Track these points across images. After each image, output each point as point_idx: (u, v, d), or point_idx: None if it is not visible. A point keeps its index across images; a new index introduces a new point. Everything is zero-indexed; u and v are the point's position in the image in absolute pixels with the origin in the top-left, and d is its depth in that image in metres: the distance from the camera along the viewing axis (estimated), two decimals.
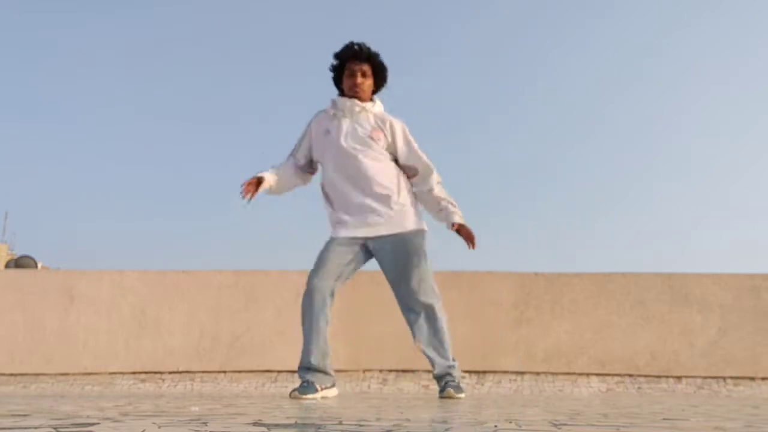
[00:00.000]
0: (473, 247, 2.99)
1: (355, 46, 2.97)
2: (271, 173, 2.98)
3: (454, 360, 3.06)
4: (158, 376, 4.66)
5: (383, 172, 2.93)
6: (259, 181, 2.92)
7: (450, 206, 3.03)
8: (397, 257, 2.92)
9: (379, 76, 3.04)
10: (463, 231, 3.00)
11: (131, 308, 4.82)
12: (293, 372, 4.64)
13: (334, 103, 3.04)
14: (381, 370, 4.61)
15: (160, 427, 1.08)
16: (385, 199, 2.90)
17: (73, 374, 4.68)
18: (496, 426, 1.20)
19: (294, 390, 2.78)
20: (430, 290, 2.96)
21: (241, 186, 2.89)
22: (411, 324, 2.99)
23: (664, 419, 1.44)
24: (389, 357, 4.62)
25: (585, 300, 4.68)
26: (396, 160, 3.02)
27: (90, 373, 4.69)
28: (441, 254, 3.11)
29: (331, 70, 3.05)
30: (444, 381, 2.98)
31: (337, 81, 3.06)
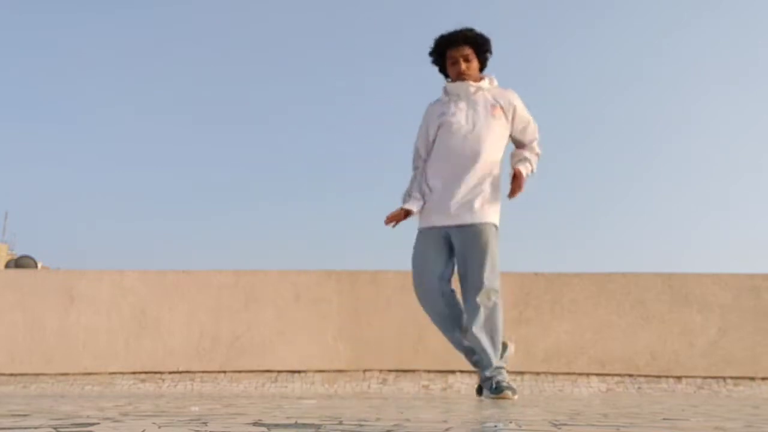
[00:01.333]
0: (511, 196, 2.91)
1: (448, 35, 2.93)
2: (417, 197, 2.93)
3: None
4: (158, 376, 4.66)
5: (490, 158, 2.87)
6: (406, 214, 2.90)
7: (524, 155, 2.95)
8: (467, 247, 2.85)
9: (482, 53, 2.98)
10: (515, 179, 2.91)
11: (131, 308, 4.82)
12: (293, 372, 4.64)
13: (445, 90, 2.99)
14: (381, 370, 4.61)
15: (160, 427, 1.08)
16: (479, 191, 2.84)
17: (73, 374, 4.68)
18: (496, 426, 1.20)
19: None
20: (495, 283, 2.87)
21: (388, 217, 2.89)
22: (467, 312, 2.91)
23: (664, 419, 1.44)
24: (389, 357, 4.62)
25: (585, 300, 4.68)
26: (507, 135, 2.98)
27: (90, 373, 4.69)
28: None
29: (433, 63, 3.02)
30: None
31: (442, 69, 3.03)
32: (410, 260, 2.96)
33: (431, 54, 3.00)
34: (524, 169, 2.92)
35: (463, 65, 2.93)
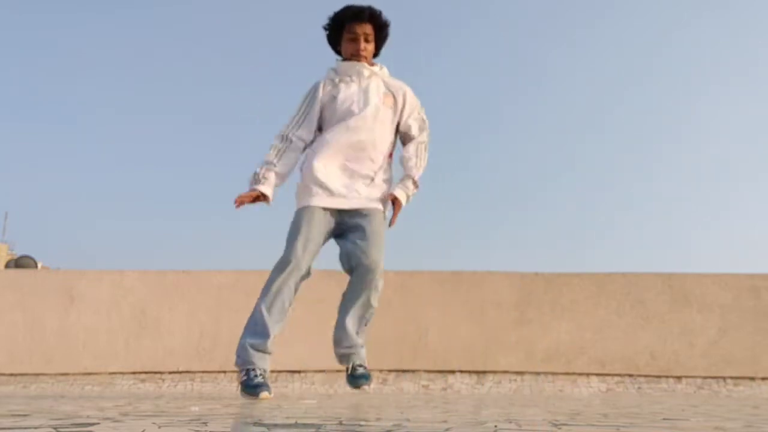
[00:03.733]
0: (391, 225, 2.83)
1: (353, 8, 2.77)
2: (272, 180, 2.77)
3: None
4: (158, 376, 4.66)
5: (382, 144, 2.77)
6: (257, 198, 2.75)
7: (407, 176, 2.83)
8: (359, 231, 2.75)
9: (382, 37, 2.86)
10: (394, 208, 2.81)
11: (131, 308, 4.82)
12: (293, 372, 4.64)
13: (335, 70, 2.84)
14: (381, 370, 4.61)
15: (160, 427, 1.08)
16: (371, 175, 2.75)
17: (73, 374, 4.68)
18: (496, 426, 1.20)
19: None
20: (380, 271, 2.84)
21: (237, 197, 2.72)
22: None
23: (664, 419, 1.44)
24: (389, 357, 4.62)
25: (585, 300, 4.68)
26: (395, 128, 2.87)
27: (90, 373, 4.69)
28: (442, 254, 3.08)
29: (326, 30, 2.84)
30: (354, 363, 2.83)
31: (334, 43, 2.86)
32: (288, 235, 2.81)
33: (331, 23, 2.81)
34: (400, 192, 2.80)
35: (362, 44, 2.78)
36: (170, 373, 4.67)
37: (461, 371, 4.52)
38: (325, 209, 2.74)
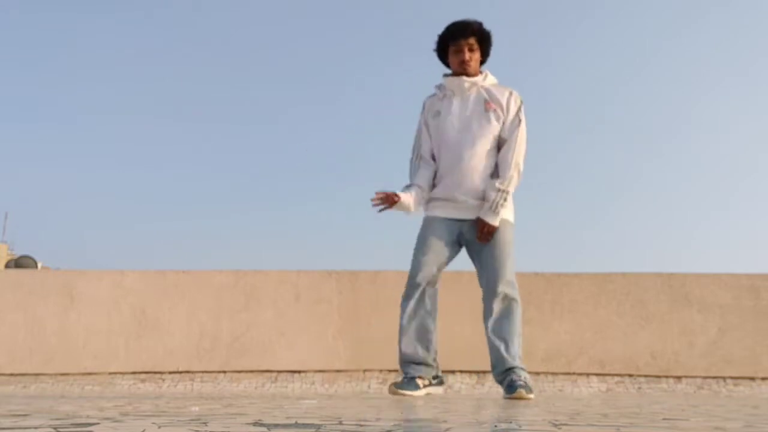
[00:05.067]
0: (479, 239, 2.86)
1: (457, 23, 2.92)
2: (409, 194, 2.87)
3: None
4: (158, 376, 4.66)
5: (488, 155, 2.85)
6: (394, 200, 2.82)
7: (492, 200, 2.83)
8: (482, 244, 2.83)
9: (486, 47, 2.97)
10: (481, 227, 2.83)
11: (131, 308, 4.82)
12: (293, 372, 4.64)
13: (440, 86, 2.99)
14: (381, 370, 4.61)
15: (160, 427, 1.08)
16: (480, 186, 2.82)
17: (73, 374, 4.68)
18: (496, 426, 1.20)
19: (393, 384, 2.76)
20: (511, 281, 2.85)
21: (375, 195, 2.80)
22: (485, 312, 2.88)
23: (664, 419, 1.44)
24: (389, 357, 4.62)
25: (585, 300, 4.68)
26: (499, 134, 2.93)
27: (90, 373, 4.69)
28: None
29: (436, 51, 3.00)
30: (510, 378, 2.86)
31: (444, 59, 3.01)
32: (413, 250, 2.90)
33: (438, 41, 2.97)
34: (488, 216, 2.82)
35: (467, 54, 2.90)
36: (170, 373, 4.67)
37: (461, 371, 4.52)
38: (446, 219, 2.89)
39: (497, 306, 2.85)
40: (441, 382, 2.99)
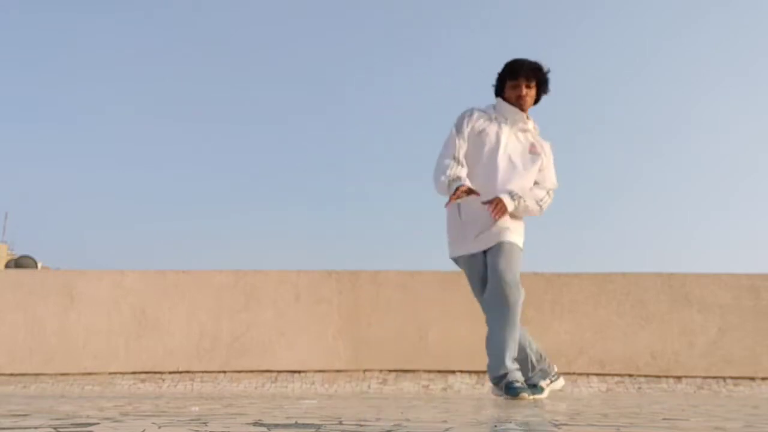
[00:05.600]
0: (492, 212, 2.87)
1: (520, 61, 2.98)
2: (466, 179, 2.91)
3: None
4: (158, 376, 4.66)
5: (519, 188, 2.91)
6: (470, 191, 2.86)
7: (523, 194, 2.92)
8: (494, 258, 2.88)
9: (542, 91, 3.04)
10: (497, 202, 2.87)
11: (131, 308, 4.82)
12: (293, 372, 4.64)
13: (496, 108, 3.02)
14: (381, 370, 4.61)
15: (160, 427, 1.08)
16: (509, 220, 2.89)
17: (73, 374, 4.68)
18: (496, 426, 1.20)
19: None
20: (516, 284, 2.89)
21: (454, 193, 2.81)
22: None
23: (664, 419, 1.44)
24: (389, 357, 4.62)
25: (585, 300, 4.68)
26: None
27: (90, 373, 4.69)
28: (442, 254, 3.07)
29: (498, 78, 3.03)
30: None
31: (498, 88, 3.05)
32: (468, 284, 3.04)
33: (502, 70, 3.01)
34: (507, 200, 2.86)
35: (524, 91, 2.97)
36: (170, 373, 4.67)
37: (461, 371, 4.52)
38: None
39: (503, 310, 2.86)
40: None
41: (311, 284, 4.84)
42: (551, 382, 3.05)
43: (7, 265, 19.96)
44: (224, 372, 4.66)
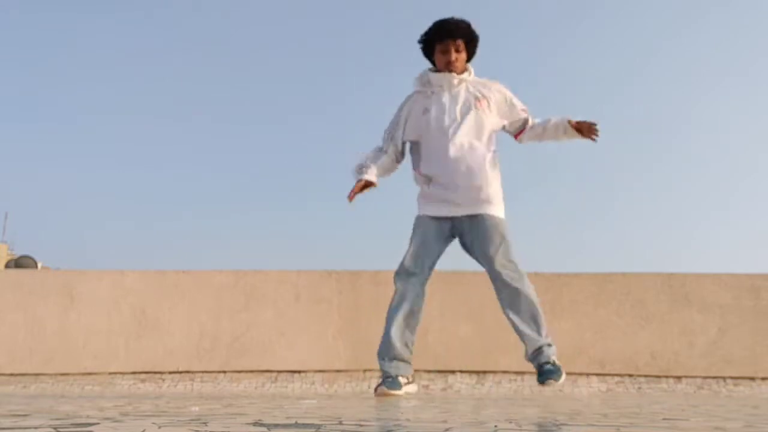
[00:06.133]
0: (596, 135, 2.92)
1: (445, 23, 2.91)
2: (374, 170, 2.94)
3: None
4: (158, 376, 4.66)
5: (481, 150, 2.86)
6: (366, 185, 2.91)
7: (556, 119, 2.97)
8: (480, 237, 2.84)
9: (473, 47, 2.98)
10: (582, 125, 2.92)
11: (131, 308, 4.82)
12: (293, 372, 4.64)
13: (427, 81, 2.96)
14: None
15: (160, 427, 1.08)
16: (479, 179, 2.83)
17: (73, 374, 4.68)
18: (496, 426, 1.20)
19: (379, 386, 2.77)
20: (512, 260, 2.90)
21: (350, 192, 2.88)
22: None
23: (664, 419, 1.44)
24: None
25: (585, 300, 4.68)
26: (498, 127, 2.98)
27: (90, 373, 4.69)
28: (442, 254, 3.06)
29: (421, 44, 2.98)
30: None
31: (428, 54, 3.00)
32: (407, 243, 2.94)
33: (425, 38, 2.95)
34: (572, 118, 2.93)
35: (454, 55, 2.90)
36: (170, 373, 4.67)
37: (461, 371, 4.52)
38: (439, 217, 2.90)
39: (505, 288, 2.89)
40: (414, 381, 3.04)
41: (311, 284, 4.84)
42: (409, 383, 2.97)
43: (7, 265, 19.95)
44: (224, 372, 4.66)
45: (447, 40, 2.90)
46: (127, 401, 2.20)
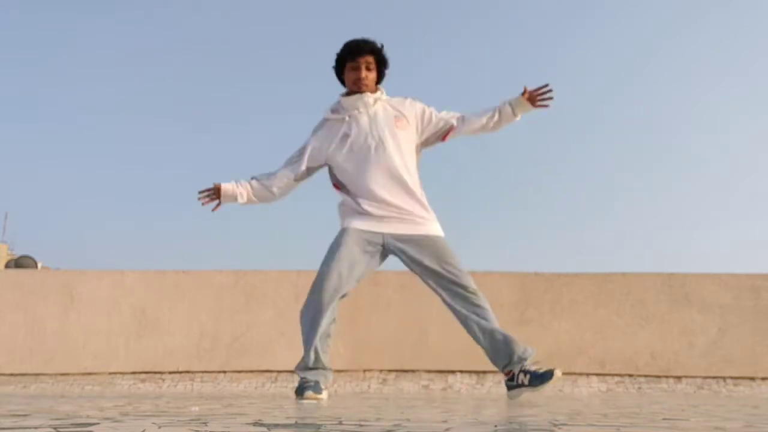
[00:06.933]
0: (548, 101, 2.89)
1: (355, 41, 2.90)
2: (242, 185, 2.90)
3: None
4: (158, 376, 4.66)
5: (408, 167, 2.83)
6: (217, 190, 2.86)
7: (490, 113, 2.93)
8: (424, 256, 2.79)
9: (382, 66, 2.95)
10: (533, 96, 2.87)
11: (131, 308, 4.82)
12: (293, 372, 4.64)
13: (340, 106, 2.93)
14: (381, 370, 4.61)
15: (160, 427, 1.08)
16: (410, 198, 2.80)
17: (73, 374, 4.68)
18: (496, 426, 1.20)
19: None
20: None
21: (199, 193, 2.88)
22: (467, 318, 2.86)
23: (664, 419, 1.44)
24: (389, 357, 4.62)
25: (585, 300, 4.68)
26: (419, 142, 2.95)
27: (90, 373, 4.69)
28: None
29: (334, 68, 2.96)
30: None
31: (340, 75, 2.95)
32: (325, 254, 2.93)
33: (337, 58, 2.93)
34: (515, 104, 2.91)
35: (364, 72, 2.87)
36: (170, 373, 4.67)
37: (461, 371, 4.52)
38: (373, 233, 2.83)
39: (488, 307, 2.89)
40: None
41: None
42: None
43: (7, 265, 19.95)
44: (224, 372, 4.66)
45: (357, 58, 2.87)
46: (127, 401, 2.20)
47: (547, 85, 2.88)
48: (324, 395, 2.80)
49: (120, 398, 2.58)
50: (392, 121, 2.87)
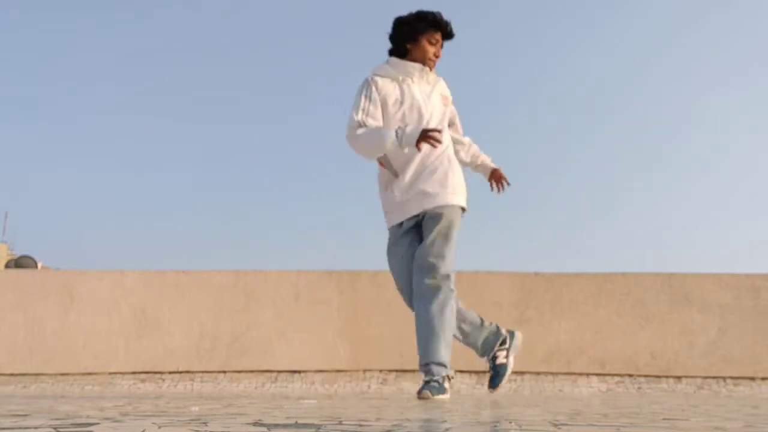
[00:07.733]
0: (501, 189, 3.04)
1: (443, 18, 2.80)
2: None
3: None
4: (158, 376, 4.66)
5: (447, 144, 2.86)
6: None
7: (485, 157, 3.10)
8: (428, 227, 2.81)
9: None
10: (497, 175, 3.05)
11: (131, 308, 4.82)
12: (293, 372, 4.64)
13: (398, 68, 2.80)
14: (381, 370, 4.61)
15: (160, 427, 1.08)
16: (445, 175, 2.80)
17: (73, 374, 4.68)
18: (496, 426, 1.20)
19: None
20: (447, 268, 2.87)
21: (424, 138, 2.63)
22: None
23: (664, 419, 1.44)
24: (389, 357, 4.62)
25: (585, 300, 4.68)
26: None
27: (90, 373, 4.69)
28: None
29: (400, 27, 2.81)
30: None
31: (404, 38, 2.81)
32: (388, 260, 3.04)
33: (417, 21, 2.78)
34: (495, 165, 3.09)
35: (440, 52, 2.85)
36: (170, 373, 4.67)
37: (461, 371, 4.52)
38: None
39: (428, 283, 2.90)
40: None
41: (311, 284, 4.84)
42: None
43: (7, 265, 19.95)
44: (224, 372, 4.66)
45: (439, 34, 2.81)
46: (127, 401, 2.20)
47: (509, 183, 3.07)
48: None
49: (120, 398, 2.58)
50: (441, 98, 2.90)
